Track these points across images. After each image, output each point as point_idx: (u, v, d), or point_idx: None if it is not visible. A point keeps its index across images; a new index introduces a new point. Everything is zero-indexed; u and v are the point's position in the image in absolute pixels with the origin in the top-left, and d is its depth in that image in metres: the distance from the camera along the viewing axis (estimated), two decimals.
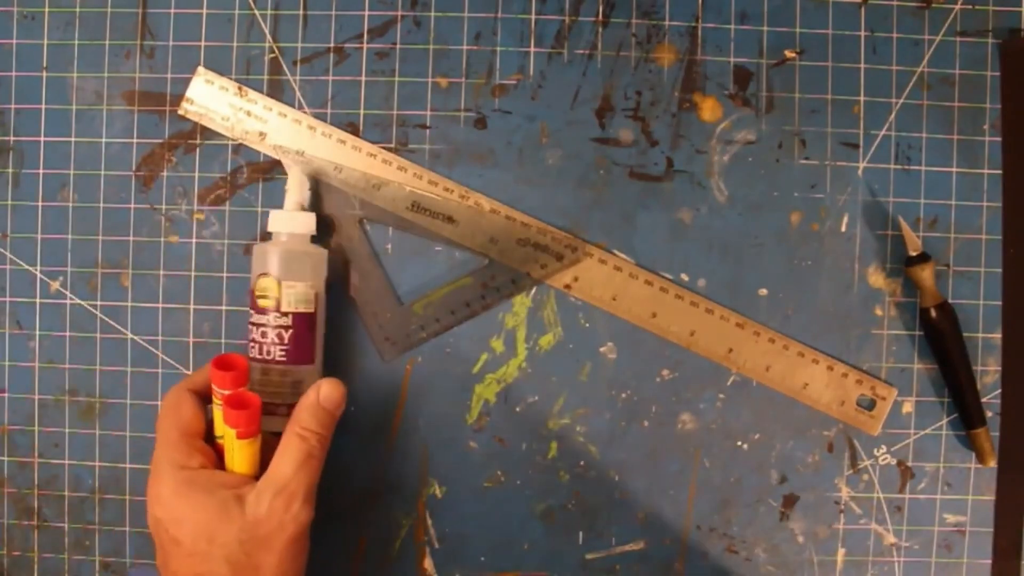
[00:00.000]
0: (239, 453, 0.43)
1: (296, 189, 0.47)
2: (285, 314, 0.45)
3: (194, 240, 0.50)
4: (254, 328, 0.46)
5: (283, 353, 0.45)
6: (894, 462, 0.50)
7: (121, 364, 0.50)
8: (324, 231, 0.49)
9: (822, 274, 0.50)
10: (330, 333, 0.50)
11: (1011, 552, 0.50)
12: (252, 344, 0.46)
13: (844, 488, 0.50)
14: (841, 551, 0.50)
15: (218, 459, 0.44)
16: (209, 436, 0.45)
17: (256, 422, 0.43)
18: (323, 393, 0.44)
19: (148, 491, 0.43)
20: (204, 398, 0.45)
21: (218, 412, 0.43)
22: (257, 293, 0.46)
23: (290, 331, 0.45)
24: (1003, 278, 0.50)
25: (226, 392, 0.42)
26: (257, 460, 0.44)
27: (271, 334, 0.45)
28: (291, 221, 0.47)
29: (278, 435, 0.44)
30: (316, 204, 0.49)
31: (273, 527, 0.41)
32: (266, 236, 0.49)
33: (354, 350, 0.50)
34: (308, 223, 0.47)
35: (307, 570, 0.45)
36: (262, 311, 0.45)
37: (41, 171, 0.50)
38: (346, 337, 0.50)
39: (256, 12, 0.50)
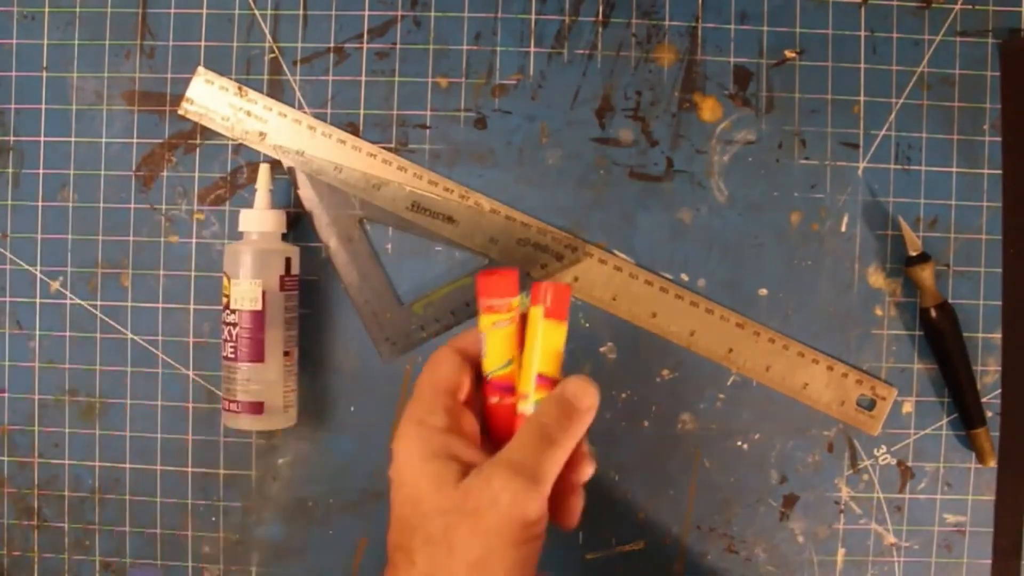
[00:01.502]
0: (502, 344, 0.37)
1: (264, 188, 0.48)
2: (234, 311, 0.46)
3: (194, 240, 0.50)
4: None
5: (233, 350, 0.46)
6: (894, 462, 0.50)
7: (121, 364, 0.50)
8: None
9: (822, 274, 0.50)
10: (330, 333, 0.50)
11: (1011, 552, 0.50)
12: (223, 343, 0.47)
13: (844, 488, 0.50)
14: (841, 551, 0.50)
15: (468, 427, 0.38)
16: (469, 405, 0.38)
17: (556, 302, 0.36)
18: (569, 390, 0.37)
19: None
20: (472, 363, 0.39)
21: (495, 336, 0.37)
22: (223, 292, 0.47)
23: (237, 328, 0.46)
24: (1003, 278, 0.50)
25: (494, 301, 0.36)
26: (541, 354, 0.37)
27: (225, 331, 0.46)
28: (255, 220, 0.47)
29: None
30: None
31: (484, 501, 0.34)
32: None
33: (354, 350, 0.50)
34: (270, 221, 0.47)
35: (306, 570, 0.45)
36: (224, 309, 0.47)
37: (41, 171, 0.50)
38: (346, 337, 0.50)
39: (256, 12, 0.50)
